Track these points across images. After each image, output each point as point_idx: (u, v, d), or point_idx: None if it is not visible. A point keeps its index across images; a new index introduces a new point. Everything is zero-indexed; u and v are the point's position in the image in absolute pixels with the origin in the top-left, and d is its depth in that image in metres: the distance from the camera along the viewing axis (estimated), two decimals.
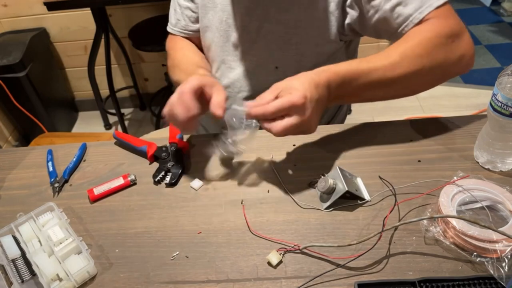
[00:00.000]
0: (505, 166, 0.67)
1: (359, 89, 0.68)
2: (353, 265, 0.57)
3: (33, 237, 0.64)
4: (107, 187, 0.73)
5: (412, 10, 0.71)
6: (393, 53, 0.69)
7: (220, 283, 0.57)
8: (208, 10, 0.88)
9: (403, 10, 0.71)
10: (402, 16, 0.72)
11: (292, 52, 0.85)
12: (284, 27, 0.82)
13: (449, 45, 0.70)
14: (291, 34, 0.82)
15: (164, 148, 0.79)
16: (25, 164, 0.82)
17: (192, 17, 0.94)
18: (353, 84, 0.68)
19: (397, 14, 0.72)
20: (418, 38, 0.69)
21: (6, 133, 2.24)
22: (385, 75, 0.68)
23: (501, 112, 0.61)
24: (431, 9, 0.70)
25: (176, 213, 0.68)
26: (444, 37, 0.69)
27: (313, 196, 0.68)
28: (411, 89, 0.74)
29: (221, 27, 0.87)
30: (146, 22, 2.10)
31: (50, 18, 2.19)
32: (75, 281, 0.58)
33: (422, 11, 0.70)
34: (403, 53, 0.69)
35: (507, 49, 2.69)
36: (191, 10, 0.94)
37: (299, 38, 0.83)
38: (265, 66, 0.88)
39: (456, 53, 0.71)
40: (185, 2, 0.93)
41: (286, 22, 0.81)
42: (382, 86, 0.69)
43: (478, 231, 0.55)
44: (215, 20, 0.88)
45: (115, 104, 2.21)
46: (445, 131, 0.77)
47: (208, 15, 0.89)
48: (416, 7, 0.70)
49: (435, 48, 0.69)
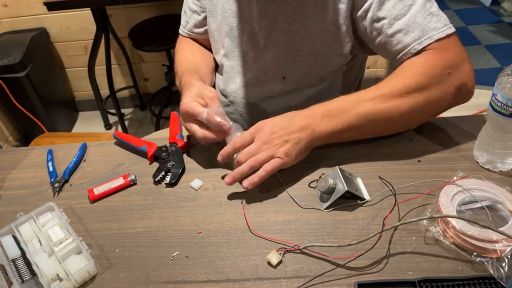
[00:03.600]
0: (505, 166, 0.67)
1: (350, 121, 0.68)
2: (353, 265, 0.57)
3: (33, 237, 0.64)
4: (107, 187, 0.73)
5: (412, 40, 0.70)
6: (384, 86, 0.69)
7: (220, 283, 0.57)
8: (217, 15, 0.89)
9: (403, 38, 0.71)
10: (401, 44, 0.72)
11: (299, 63, 0.85)
12: (292, 38, 0.82)
13: (444, 77, 0.68)
14: (298, 45, 0.82)
15: (164, 148, 0.79)
16: (25, 164, 0.82)
17: (199, 21, 0.95)
18: (342, 116, 0.68)
19: (396, 41, 0.72)
20: (411, 70, 0.69)
21: (6, 133, 2.24)
22: (375, 107, 0.68)
23: (501, 112, 0.61)
24: (430, 41, 0.69)
25: (176, 213, 0.68)
26: (441, 69, 0.68)
27: (313, 196, 0.68)
28: (409, 122, 0.73)
29: (231, 33, 0.88)
30: (146, 22, 2.11)
31: (50, 18, 2.19)
32: (75, 281, 0.58)
33: (421, 42, 0.69)
34: (394, 86, 0.68)
35: (507, 49, 2.69)
36: (198, 13, 0.94)
37: (306, 50, 0.83)
38: (272, 75, 0.88)
39: (453, 84, 0.69)
40: (194, 5, 0.94)
41: (294, 32, 0.81)
42: (376, 119, 0.69)
43: (478, 231, 0.55)
44: (224, 26, 0.88)
45: (115, 104, 2.21)
46: (445, 131, 0.77)
47: (217, 20, 0.89)
48: (416, 38, 0.70)
49: (428, 81, 0.68)
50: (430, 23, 0.69)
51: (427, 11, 0.70)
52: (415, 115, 0.71)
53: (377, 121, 0.69)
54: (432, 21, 0.69)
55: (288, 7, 0.79)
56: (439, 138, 0.75)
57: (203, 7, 0.92)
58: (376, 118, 0.69)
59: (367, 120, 0.69)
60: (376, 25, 0.74)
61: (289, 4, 0.79)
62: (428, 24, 0.69)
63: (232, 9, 0.85)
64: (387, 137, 0.76)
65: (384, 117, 0.69)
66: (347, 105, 0.69)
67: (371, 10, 0.73)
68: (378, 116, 0.69)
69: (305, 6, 0.78)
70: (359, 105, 0.68)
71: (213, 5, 0.89)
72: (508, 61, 2.54)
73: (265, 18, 0.82)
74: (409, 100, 0.68)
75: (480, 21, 3.00)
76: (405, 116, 0.70)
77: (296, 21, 0.80)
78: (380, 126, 0.71)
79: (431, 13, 0.70)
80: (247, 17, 0.84)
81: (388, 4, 0.71)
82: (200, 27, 0.97)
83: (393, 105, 0.68)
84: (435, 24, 0.69)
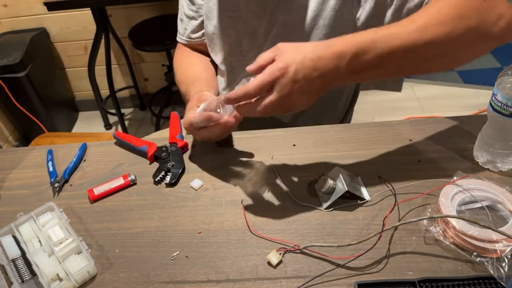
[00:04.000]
0: (505, 166, 0.67)
1: (379, 58, 0.59)
2: (353, 265, 0.57)
3: (33, 237, 0.64)
4: (107, 187, 0.73)
5: None
6: (418, 16, 0.61)
7: (220, 283, 0.57)
8: (213, 17, 0.88)
9: None
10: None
11: None
12: (291, 28, 0.81)
13: (481, 3, 0.60)
14: (296, 34, 0.81)
15: (164, 148, 0.79)
16: (25, 164, 0.82)
17: (196, 26, 0.95)
18: (371, 53, 0.59)
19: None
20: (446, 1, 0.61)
21: (6, 133, 2.24)
22: (410, 39, 0.59)
23: (501, 112, 0.61)
24: None
25: (176, 213, 0.68)
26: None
27: (313, 196, 0.68)
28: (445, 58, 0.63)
29: (230, 33, 0.87)
30: (146, 22, 2.10)
31: (50, 18, 2.19)
32: (75, 281, 0.58)
33: None
34: (430, 15, 0.60)
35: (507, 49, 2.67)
36: (195, 19, 0.94)
37: (305, 39, 0.82)
38: None
39: (493, 11, 0.60)
40: (190, 11, 0.94)
41: (292, 23, 0.81)
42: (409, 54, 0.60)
43: (478, 231, 0.55)
44: (224, 27, 0.87)
45: (115, 104, 2.21)
46: (445, 131, 0.77)
47: (213, 21, 0.88)
48: None
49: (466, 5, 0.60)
50: None
51: None
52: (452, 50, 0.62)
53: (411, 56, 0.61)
54: None
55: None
56: (439, 138, 0.75)
57: (199, 11, 0.92)
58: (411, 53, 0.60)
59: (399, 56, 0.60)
60: None
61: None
62: None
63: (231, 9, 0.85)
64: (387, 137, 0.76)
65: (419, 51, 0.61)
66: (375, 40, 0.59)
67: None
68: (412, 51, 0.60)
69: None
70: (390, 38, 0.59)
71: (209, 7, 0.88)
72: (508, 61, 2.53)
73: (265, 14, 0.82)
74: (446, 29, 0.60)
75: None
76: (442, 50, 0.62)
77: (294, 11, 0.79)
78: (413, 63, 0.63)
79: None
80: (246, 16, 0.84)
81: None
82: (198, 32, 0.96)
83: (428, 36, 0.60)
84: None
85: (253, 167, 0.74)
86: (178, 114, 0.87)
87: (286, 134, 0.80)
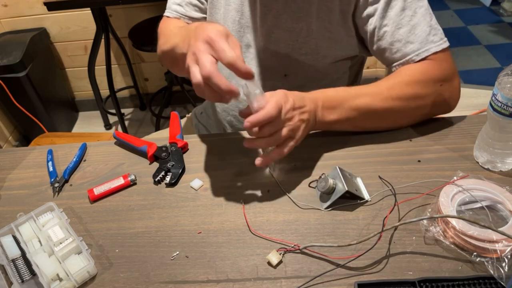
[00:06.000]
0: (505, 166, 0.67)
1: (346, 113, 0.71)
2: (353, 265, 0.57)
3: (33, 237, 0.64)
4: (107, 187, 0.73)
5: (410, 51, 0.74)
6: (383, 86, 0.72)
7: (220, 283, 0.57)
8: (220, 7, 0.88)
9: (402, 48, 0.74)
10: (400, 53, 0.75)
11: (301, 62, 0.85)
12: (294, 36, 0.82)
13: (437, 88, 0.73)
14: (300, 43, 0.82)
15: (164, 148, 0.79)
16: (25, 164, 0.82)
17: (197, 6, 0.90)
18: (340, 106, 0.71)
19: (396, 49, 0.75)
20: (410, 76, 0.72)
21: (6, 133, 2.24)
22: (373, 103, 0.71)
23: (501, 112, 0.61)
24: (428, 54, 0.72)
25: (176, 213, 0.68)
26: (435, 81, 0.72)
27: (313, 196, 0.68)
28: (396, 124, 0.77)
29: (233, 27, 0.87)
30: (146, 22, 2.10)
31: (50, 18, 2.19)
32: (75, 281, 0.58)
33: (419, 54, 0.73)
34: (392, 89, 0.72)
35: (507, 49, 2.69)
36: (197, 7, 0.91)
37: (308, 49, 0.83)
38: (274, 71, 0.88)
39: (444, 96, 0.74)
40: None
41: (297, 31, 0.81)
42: (370, 115, 0.72)
43: (478, 231, 0.55)
44: (228, 19, 0.87)
45: (115, 104, 2.21)
46: (445, 131, 0.77)
47: (220, 12, 0.88)
48: (415, 49, 0.73)
49: (423, 90, 0.72)
50: (429, 36, 0.73)
51: (427, 23, 0.73)
52: (404, 118, 0.76)
53: (371, 117, 0.73)
54: (431, 34, 0.73)
55: (293, 5, 0.79)
56: (439, 138, 0.75)
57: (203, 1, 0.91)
58: (370, 114, 0.72)
59: (361, 114, 0.72)
60: (378, 31, 0.76)
61: (294, 1, 0.79)
62: (427, 37, 0.73)
63: (237, 2, 0.85)
64: (387, 137, 0.76)
65: (378, 114, 0.73)
66: (345, 96, 0.71)
67: (375, 16, 0.75)
68: (372, 113, 0.72)
69: (310, 5, 0.78)
70: (357, 98, 0.71)
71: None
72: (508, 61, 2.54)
73: (268, 15, 0.82)
74: (403, 104, 0.72)
75: (480, 21, 3.00)
76: (396, 118, 0.75)
77: (300, 20, 0.80)
78: (372, 122, 0.75)
79: (430, 26, 0.73)
80: (250, 12, 0.84)
81: (391, 13, 0.74)
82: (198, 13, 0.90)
83: (388, 105, 0.72)
84: (433, 37, 0.73)
85: (253, 167, 0.74)
86: (178, 114, 0.87)
87: None
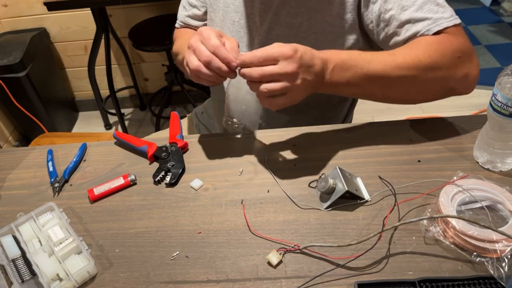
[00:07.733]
0: (505, 166, 0.67)
1: (357, 78, 0.66)
2: (353, 265, 0.57)
3: (33, 237, 0.64)
4: (107, 187, 0.73)
5: (421, 27, 0.70)
6: (398, 53, 0.68)
7: (220, 283, 0.57)
8: (218, 10, 0.88)
9: (412, 27, 0.71)
10: (410, 32, 0.71)
11: None
12: (294, 31, 0.81)
13: (455, 60, 0.68)
14: (300, 38, 0.81)
15: (164, 148, 0.79)
16: (25, 164, 0.82)
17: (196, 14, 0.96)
18: (352, 70, 0.66)
19: (405, 30, 0.72)
20: (426, 46, 0.68)
21: (6, 133, 2.24)
22: (385, 70, 0.66)
23: (501, 112, 0.61)
24: (440, 28, 0.69)
25: (176, 213, 0.68)
26: (452, 51, 0.68)
27: (313, 196, 0.68)
28: (410, 95, 0.72)
29: (233, 28, 0.87)
30: (146, 22, 2.10)
31: (50, 18, 2.19)
32: (75, 281, 0.58)
33: (430, 29, 0.70)
34: (408, 56, 0.67)
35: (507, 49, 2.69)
36: (198, 8, 0.95)
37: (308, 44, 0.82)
38: None
39: (462, 70, 0.69)
40: (194, 0, 0.95)
41: (296, 26, 0.81)
42: (381, 82, 0.68)
43: (478, 231, 0.55)
44: (227, 21, 0.88)
45: (115, 104, 2.21)
46: (445, 131, 0.77)
47: (219, 14, 0.89)
48: (425, 25, 0.70)
49: (441, 60, 0.67)
50: (437, 14, 0.70)
51: (433, 2, 0.71)
52: (418, 90, 0.71)
53: (382, 84, 0.68)
54: (439, 12, 0.70)
55: (292, 1, 0.79)
56: (439, 138, 0.75)
57: (204, 1, 0.93)
58: (382, 81, 0.67)
59: (372, 80, 0.67)
60: (384, 16, 0.73)
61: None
62: (435, 15, 0.70)
63: (236, 3, 0.85)
64: (387, 137, 0.76)
65: (390, 82, 0.68)
66: (358, 60, 0.66)
67: (378, 1, 0.73)
68: (384, 80, 0.67)
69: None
70: (370, 63, 0.66)
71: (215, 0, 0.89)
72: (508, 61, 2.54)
73: (268, 12, 0.82)
74: (418, 73, 0.67)
75: (480, 21, 3.00)
76: (409, 89, 0.70)
77: (299, 15, 0.79)
78: (382, 90, 0.70)
79: (437, 4, 0.71)
80: (249, 11, 0.84)
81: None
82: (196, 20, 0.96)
83: (401, 74, 0.67)
84: (442, 14, 0.70)
85: (253, 167, 0.75)
86: (178, 114, 0.87)
87: (286, 134, 0.80)
